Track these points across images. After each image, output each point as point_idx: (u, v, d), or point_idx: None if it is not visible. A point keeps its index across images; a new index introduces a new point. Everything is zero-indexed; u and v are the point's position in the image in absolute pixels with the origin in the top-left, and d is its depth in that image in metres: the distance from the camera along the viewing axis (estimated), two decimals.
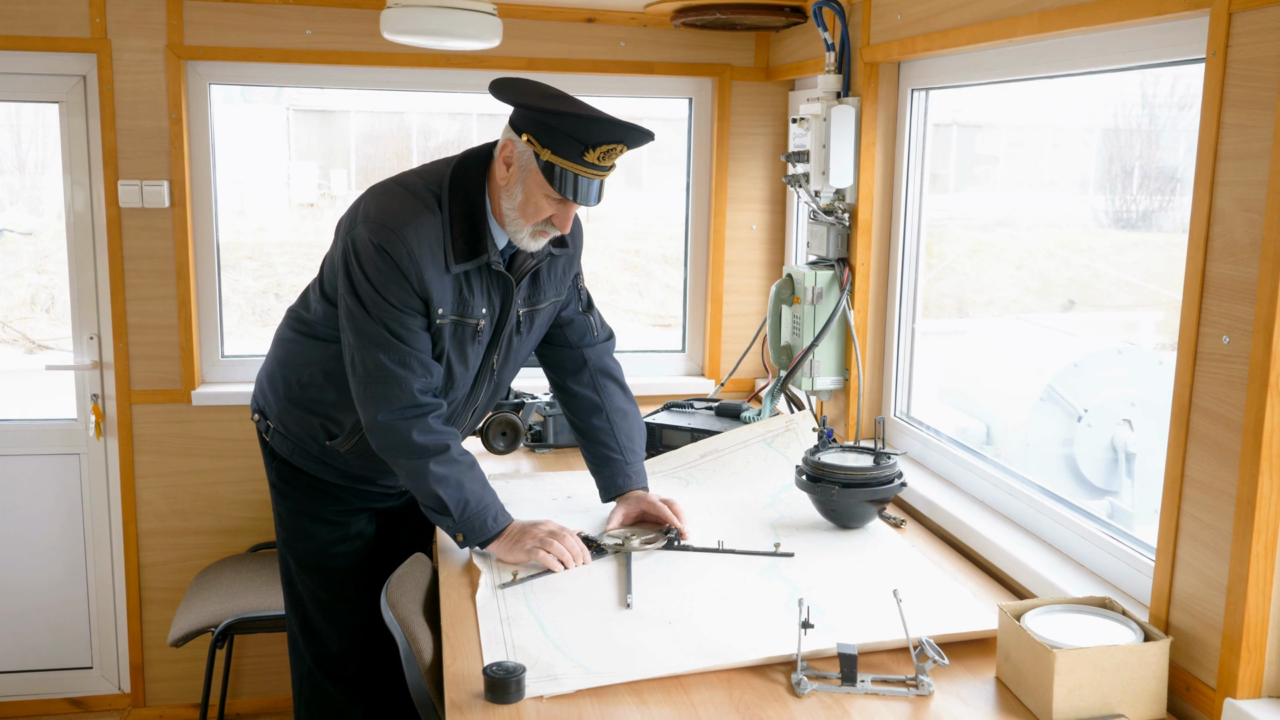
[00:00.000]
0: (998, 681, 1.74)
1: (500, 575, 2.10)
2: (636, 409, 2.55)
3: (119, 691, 3.54)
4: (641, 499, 2.38)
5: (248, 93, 3.77)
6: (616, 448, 2.46)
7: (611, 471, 2.45)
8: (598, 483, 2.48)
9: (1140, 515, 2.47)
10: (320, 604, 2.51)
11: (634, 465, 2.47)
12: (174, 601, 3.41)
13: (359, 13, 3.23)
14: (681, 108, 3.59)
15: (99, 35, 3.12)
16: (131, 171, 3.20)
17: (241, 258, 4.75)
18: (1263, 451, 1.49)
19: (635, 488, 2.43)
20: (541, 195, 2.11)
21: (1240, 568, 1.53)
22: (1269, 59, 1.45)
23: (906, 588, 1.92)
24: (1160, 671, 1.63)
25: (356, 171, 5.36)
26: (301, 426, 2.40)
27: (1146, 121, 2.42)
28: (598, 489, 2.48)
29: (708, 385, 3.61)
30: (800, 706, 1.65)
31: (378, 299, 2.12)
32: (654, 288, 4.36)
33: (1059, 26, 1.92)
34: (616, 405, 2.50)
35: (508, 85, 2.13)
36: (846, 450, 2.45)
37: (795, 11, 3.03)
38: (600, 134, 2.04)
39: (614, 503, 2.43)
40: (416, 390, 2.15)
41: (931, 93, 2.70)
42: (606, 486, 2.45)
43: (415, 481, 2.17)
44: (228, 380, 3.43)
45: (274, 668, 3.54)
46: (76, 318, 3.34)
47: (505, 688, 1.63)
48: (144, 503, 3.40)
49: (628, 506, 2.38)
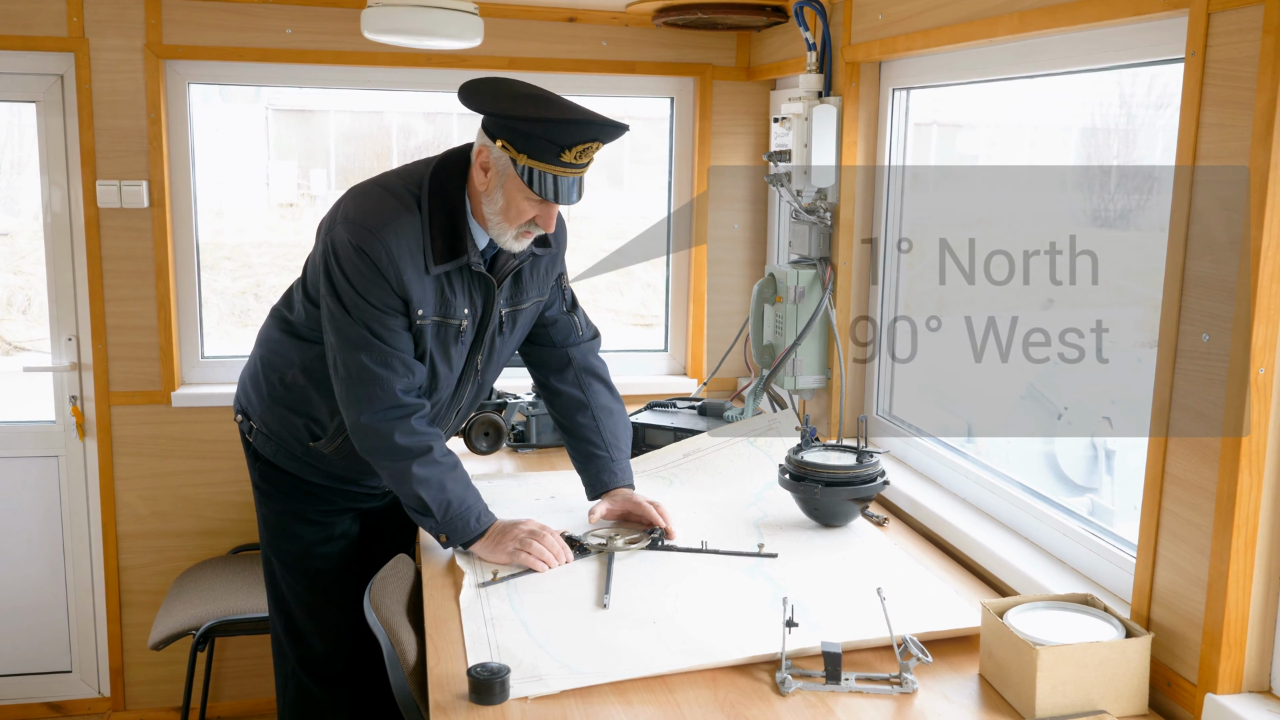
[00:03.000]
0: (981, 678, 1.75)
1: (482, 574, 2.10)
2: (623, 407, 2.55)
3: (99, 695, 3.52)
4: (628, 498, 2.37)
5: (226, 92, 3.75)
6: (602, 445, 2.46)
7: (597, 468, 2.44)
8: (583, 480, 2.48)
9: (1121, 512, 2.48)
10: (304, 605, 2.50)
11: (620, 462, 2.46)
12: (154, 604, 3.39)
13: (339, 12, 3.21)
14: (663, 107, 3.59)
15: (76, 34, 3.10)
16: (110, 171, 3.18)
17: (220, 258, 4.71)
18: (1242, 448, 1.50)
19: (621, 484, 2.42)
20: (522, 198, 2.10)
21: (1220, 564, 1.54)
22: (1247, 59, 1.46)
23: (890, 586, 1.93)
24: (1142, 667, 1.64)
25: (336, 171, 5.33)
26: (285, 427, 2.39)
27: (1124, 121, 2.43)
28: (584, 486, 2.47)
29: (690, 384, 3.62)
30: (785, 705, 1.66)
31: (358, 300, 2.11)
32: (636, 287, 4.37)
33: (1039, 26, 1.94)
34: (602, 403, 2.50)
35: (476, 90, 2.09)
36: (829, 449, 2.46)
37: (776, 11, 3.03)
38: (575, 134, 2.03)
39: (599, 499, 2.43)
40: (399, 390, 2.14)
41: (912, 92, 2.71)
42: (592, 483, 2.45)
43: (398, 483, 2.16)
44: (208, 381, 3.41)
45: (255, 670, 3.52)
46: (54, 319, 3.32)
47: (490, 689, 1.63)
48: (124, 505, 3.37)
49: (612, 503, 2.38)
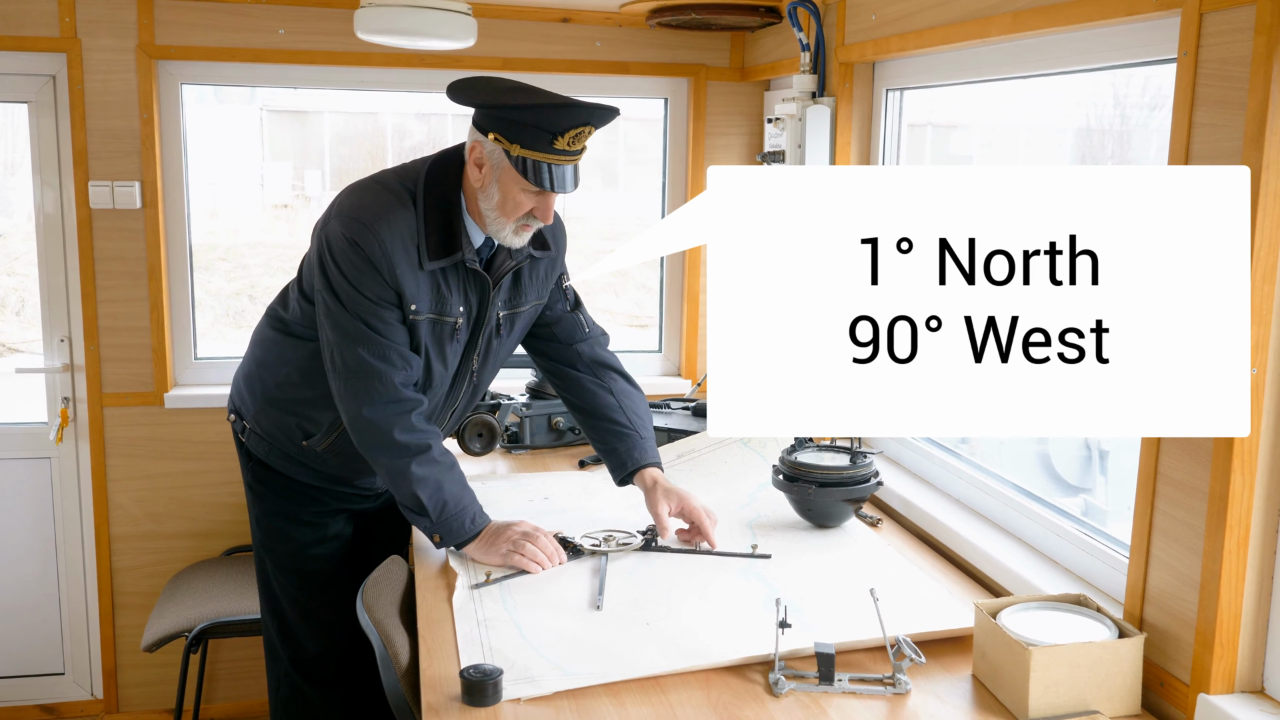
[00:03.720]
0: (974, 679, 1.75)
1: (475, 576, 2.09)
2: (642, 394, 2.49)
3: (92, 698, 3.50)
4: (683, 500, 2.26)
5: (221, 93, 3.74)
6: (628, 423, 2.39)
7: (627, 446, 2.37)
8: (610, 464, 2.40)
9: (1114, 512, 2.48)
10: (298, 606, 2.49)
11: (649, 440, 2.40)
12: (147, 606, 3.38)
13: (332, 12, 3.21)
14: (657, 108, 3.59)
15: (69, 35, 3.09)
16: (102, 172, 3.17)
17: (215, 259, 4.71)
18: (1235, 448, 1.50)
19: (650, 462, 2.36)
20: (519, 190, 2.10)
21: (1213, 564, 1.54)
22: (1239, 59, 1.46)
23: (883, 586, 1.92)
24: (1135, 668, 1.64)
25: (331, 173, 5.32)
26: (278, 426, 2.39)
27: (1118, 122, 2.44)
28: (610, 471, 2.41)
29: (684, 385, 3.61)
30: (778, 706, 1.65)
31: (353, 293, 2.11)
32: (630, 288, 4.37)
33: (1032, 27, 1.93)
34: (621, 387, 2.44)
35: (465, 87, 2.11)
36: (823, 450, 2.46)
37: (770, 12, 3.03)
38: (567, 119, 2.03)
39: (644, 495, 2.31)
40: (399, 383, 2.14)
41: (906, 93, 2.71)
42: (622, 462, 2.37)
43: (395, 481, 2.15)
44: (201, 382, 3.40)
45: (249, 672, 3.51)
46: (47, 320, 3.31)
47: (482, 690, 1.63)
48: (116, 506, 3.37)
49: (670, 502, 2.26)
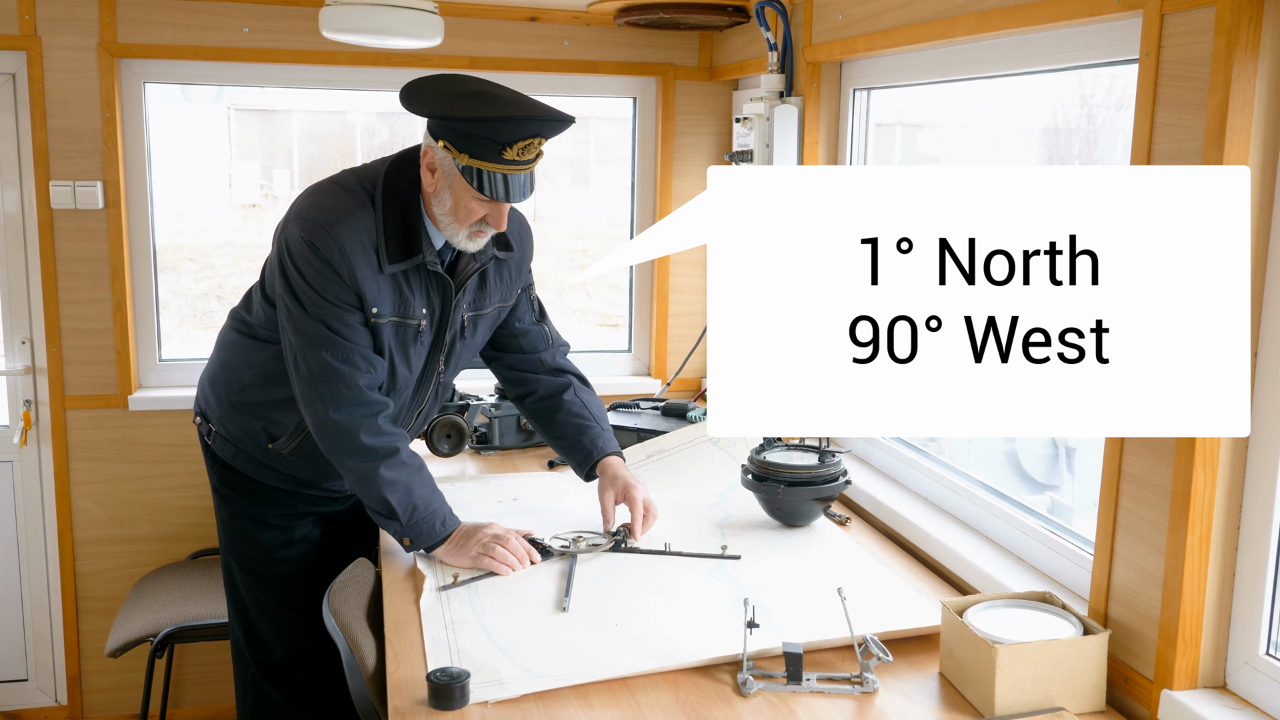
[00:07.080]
0: (941, 677, 1.75)
1: (443, 578, 2.08)
2: (599, 399, 2.52)
3: (55, 704, 3.46)
4: (628, 489, 2.29)
5: (189, 92, 3.70)
6: (589, 414, 2.42)
7: (590, 436, 2.40)
8: (574, 460, 2.42)
9: (1081, 509, 2.50)
10: (264, 610, 2.47)
11: (608, 431, 2.43)
12: (112, 611, 3.34)
13: (298, 10, 3.18)
14: (626, 107, 3.58)
15: (28, 32, 3.05)
16: (64, 172, 3.13)
17: (182, 259, 4.65)
18: (1196, 446, 1.52)
19: (612, 451, 2.39)
20: (470, 198, 2.08)
21: (1176, 561, 1.56)
22: (1200, 59, 1.48)
23: (851, 585, 1.93)
24: (1099, 664, 1.65)
25: (300, 172, 5.27)
26: (243, 429, 2.36)
27: (1085, 121, 2.45)
28: (575, 466, 2.43)
29: (654, 385, 3.61)
30: (746, 706, 1.65)
31: (314, 296, 2.09)
32: (601, 287, 4.36)
33: (997, 27, 1.94)
34: (580, 387, 2.48)
35: (417, 91, 2.06)
36: (792, 449, 2.46)
37: (738, 11, 3.03)
38: (513, 131, 2.00)
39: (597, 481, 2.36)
40: (363, 386, 2.12)
41: (874, 93, 2.72)
42: (586, 454, 2.39)
43: (363, 485, 2.13)
44: (166, 384, 3.36)
45: (215, 677, 3.48)
46: (7, 322, 3.26)
47: (449, 694, 1.62)
48: (80, 510, 3.32)
49: (615, 489, 2.30)
